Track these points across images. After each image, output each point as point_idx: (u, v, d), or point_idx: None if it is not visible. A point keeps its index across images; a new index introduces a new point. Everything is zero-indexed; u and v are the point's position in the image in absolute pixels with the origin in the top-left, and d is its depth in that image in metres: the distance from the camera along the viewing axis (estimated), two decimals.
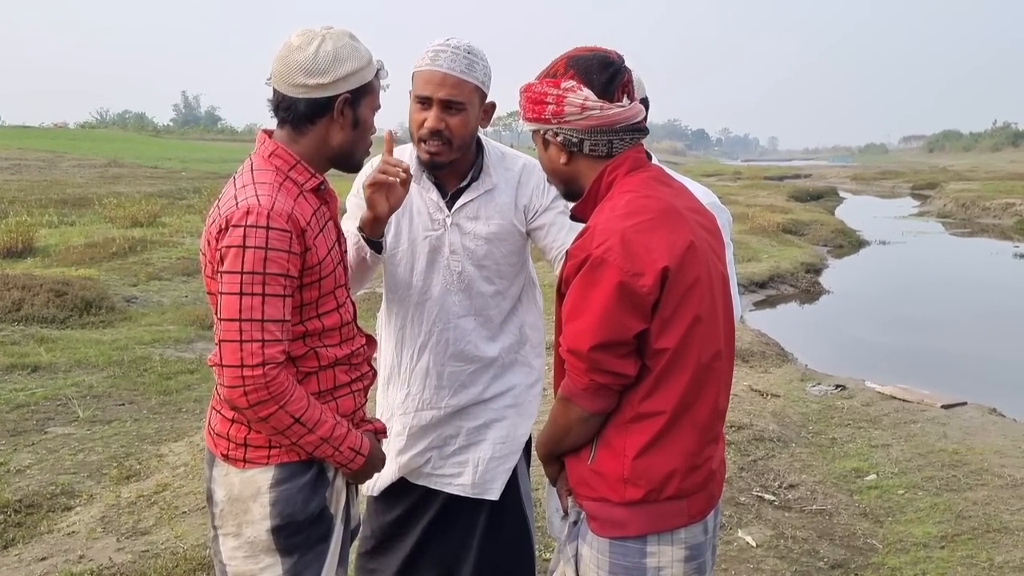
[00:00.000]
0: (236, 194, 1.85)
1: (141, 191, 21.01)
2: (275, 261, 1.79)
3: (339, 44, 1.89)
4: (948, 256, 19.32)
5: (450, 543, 2.63)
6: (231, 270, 1.79)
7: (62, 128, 70.12)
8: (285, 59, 1.88)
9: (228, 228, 1.80)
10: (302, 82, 1.87)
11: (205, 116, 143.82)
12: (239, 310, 1.78)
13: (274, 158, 1.92)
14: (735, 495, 4.58)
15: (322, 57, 1.86)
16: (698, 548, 1.84)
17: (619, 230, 1.69)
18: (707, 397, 1.79)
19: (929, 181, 42.55)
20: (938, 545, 4.02)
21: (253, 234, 1.77)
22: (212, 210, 1.91)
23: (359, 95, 1.94)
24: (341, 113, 1.92)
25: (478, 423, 2.58)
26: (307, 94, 1.88)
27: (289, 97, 1.90)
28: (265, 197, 1.82)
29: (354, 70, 1.90)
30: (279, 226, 1.79)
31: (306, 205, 1.90)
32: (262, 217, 1.78)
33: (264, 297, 1.79)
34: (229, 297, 1.79)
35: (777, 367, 7.90)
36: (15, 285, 8.79)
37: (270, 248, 1.78)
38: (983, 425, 5.94)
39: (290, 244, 1.81)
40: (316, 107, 1.90)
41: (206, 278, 1.92)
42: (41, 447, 5.11)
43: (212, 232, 1.85)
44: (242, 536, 1.94)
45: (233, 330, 1.78)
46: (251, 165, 1.93)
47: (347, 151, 1.99)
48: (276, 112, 1.94)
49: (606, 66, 1.80)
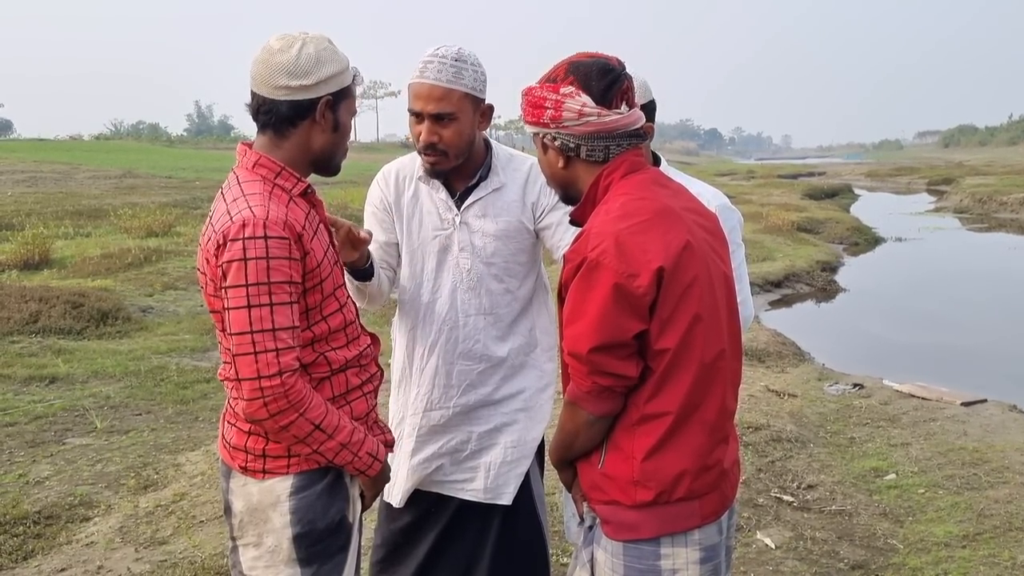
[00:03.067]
0: (228, 208, 1.84)
1: (156, 201, 21.14)
2: (278, 269, 1.79)
3: (320, 47, 1.89)
4: (965, 252, 19.16)
5: (463, 549, 2.62)
6: (235, 284, 1.78)
7: (77, 140, 70.76)
8: (266, 62, 1.88)
9: (226, 243, 1.79)
10: (284, 83, 1.87)
11: (218, 125, 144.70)
12: (249, 322, 1.78)
13: (258, 168, 1.92)
14: (753, 496, 4.55)
15: (304, 59, 1.86)
16: (713, 549, 1.83)
17: (613, 232, 1.70)
18: (714, 397, 1.78)
19: (945, 176, 42.26)
20: (959, 544, 3.98)
21: (252, 245, 1.77)
22: (205, 228, 1.90)
23: (339, 98, 1.94)
24: (323, 115, 1.92)
25: (489, 427, 2.58)
26: (289, 96, 1.88)
27: (270, 100, 1.89)
28: (258, 207, 1.81)
29: (335, 73, 1.90)
30: (277, 234, 1.79)
31: (298, 210, 1.90)
32: (259, 227, 1.78)
33: (272, 307, 1.79)
34: (237, 311, 1.79)
35: (794, 367, 7.86)
36: (32, 297, 8.86)
37: (271, 257, 1.78)
38: (1004, 422, 5.88)
39: (290, 250, 1.81)
40: (298, 109, 1.90)
41: (208, 296, 1.92)
42: (59, 458, 5.13)
43: (210, 250, 1.84)
44: (263, 545, 1.94)
45: (246, 343, 1.78)
46: (237, 178, 1.92)
47: (328, 154, 2.00)
48: (256, 116, 1.94)
49: (605, 73, 1.80)
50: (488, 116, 2.47)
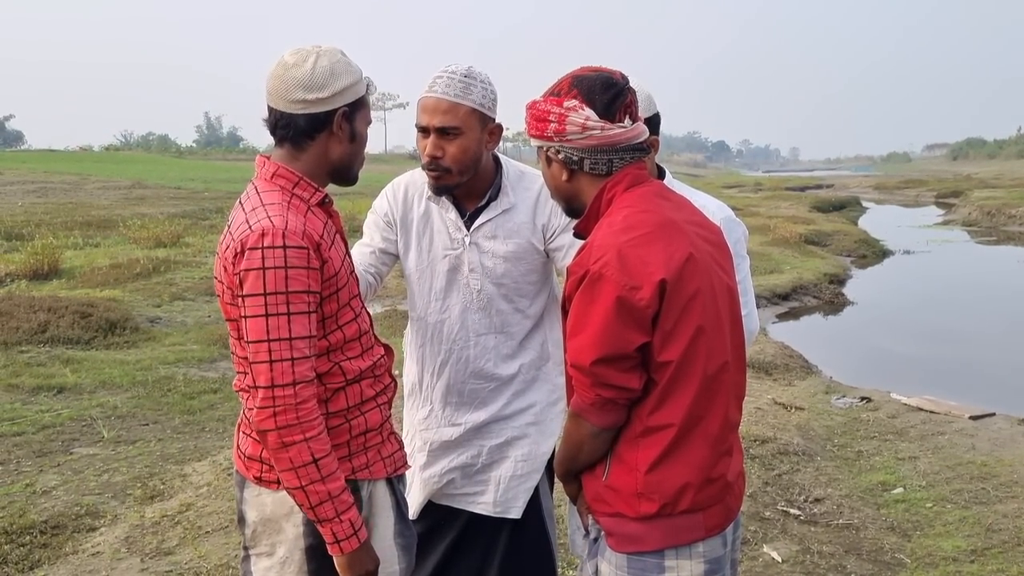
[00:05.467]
0: (247, 218, 1.86)
1: (165, 212, 21.25)
2: (296, 279, 1.80)
3: (334, 60, 1.92)
4: (974, 265, 19.10)
5: (471, 562, 2.62)
6: (253, 292, 1.79)
7: (87, 151, 71.13)
8: (281, 77, 1.91)
9: (245, 251, 1.81)
10: (301, 97, 1.89)
11: (227, 137, 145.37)
12: (266, 331, 1.79)
13: (277, 178, 1.94)
14: (760, 510, 4.54)
15: (319, 72, 1.89)
16: (717, 562, 1.83)
17: (615, 245, 1.71)
18: (717, 409, 1.78)
19: (953, 189, 42.16)
20: (968, 559, 3.95)
21: (271, 255, 1.79)
22: (224, 237, 1.92)
23: (354, 109, 1.97)
24: (340, 127, 1.95)
25: (499, 441, 2.58)
26: (306, 109, 1.91)
27: (288, 114, 1.92)
28: (277, 217, 1.83)
29: (350, 84, 1.93)
30: (295, 243, 1.81)
31: (316, 220, 1.92)
32: (278, 237, 1.80)
33: (290, 316, 1.80)
34: (255, 320, 1.80)
35: (801, 380, 7.84)
36: (41, 307, 8.90)
37: (290, 267, 1.80)
38: (1012, 436, 5.85)
39: (308, 260, 1.83)
40: (316, 122, 1.93)
41: (224, 304, 1.93)
42: (67, 468, 5.14)
43: (228, 258, 1.86)
44: (275, 555, 1.96)
45: (262, 351, 1.79)
46: (256, 189, 1.94)
47: (346, 164, 2.02)
48: (274, 131, 1.96)
49: (609, 87, 1.81)
50: (497, 136, 2.45)
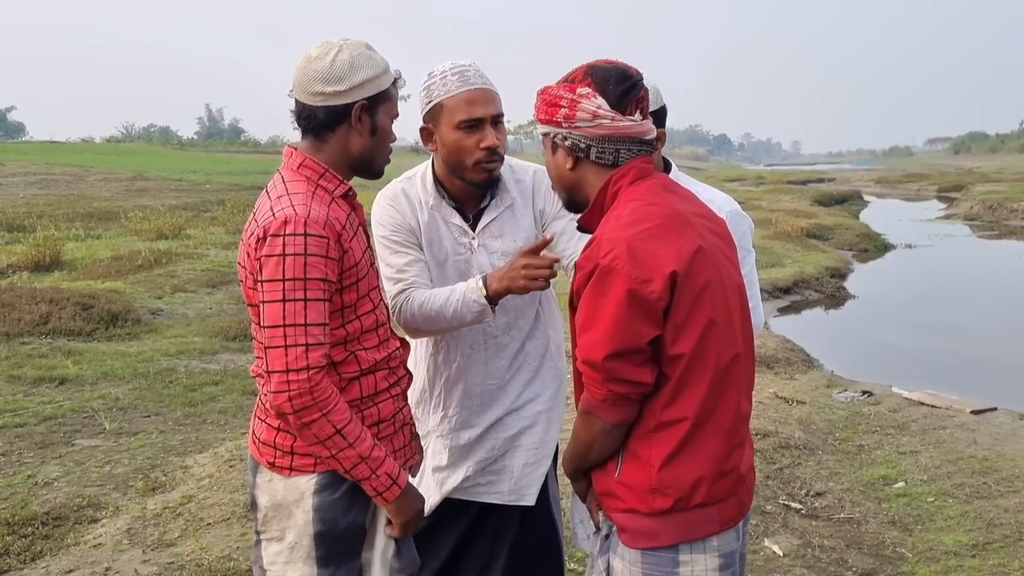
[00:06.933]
0: (272, 206, 1.90)
1: (166, 204, 21.23)
2: (315, 266, 1.84)
3: (355, 53, 1.95)
4: (975, 259, 19.07)
5: (480, 551, 2.62)
6: (272, 278, 1.83)
7: (89, 143, 71.07)
8: (304, 69, 1.95)
9: (267, 238, 1.85)
10: (319, 90, 1.93)
11: (229, 129, 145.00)
12: (283, 316, 1.83)
13: (303, 168, 1.98)
14: (761, 503, 4.54)
15: (338, 65, 1.93)
16: (731, 556, 1.82)
17: (625, 238, 1.70)
18: (729, 401, 1.78)
19: (955, 183, 42.04)
20: (969, 554, 3.95)
21: (292, 242, 1.83)
22: (248, 223, 1.97)
23: (376, 102, 1.99)
24: (359, 120, 1.98)
25: (513, 432, 2.58)
26: (324, 102, 1.95)
27: (309, 106, 1.97)
28: (301, 206, 1.87)
29: (369, 77, 1.95)
30: (316, 232, 1.85)
31: (339, 211, 1.96)
32: (299, 225, 1.84)
33: (306, 302, 1.83)
34: (272, 305, 1.84)
35: (803, 373, 7.83)
36: (43, 299, 8.90)
37: (309, 254, 1.83)
38: (1014, 431, 5.84)
39: (327, 249, 1.86)
40: (334, 115, 1.96)
41: (247, 289, 1.97)
42: (68, 459, 5.15)
43: (251, 244, 1.90)
44: (284, 540, 1.99)
45: (278, 336, 1.83)
46: (282, 178, 1.98)
47: (368, 157, 2.05)
48: (298, 121, 2.01)
49: (623, 79, 1.81)
50: None
